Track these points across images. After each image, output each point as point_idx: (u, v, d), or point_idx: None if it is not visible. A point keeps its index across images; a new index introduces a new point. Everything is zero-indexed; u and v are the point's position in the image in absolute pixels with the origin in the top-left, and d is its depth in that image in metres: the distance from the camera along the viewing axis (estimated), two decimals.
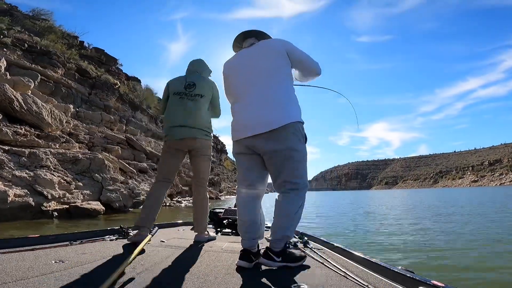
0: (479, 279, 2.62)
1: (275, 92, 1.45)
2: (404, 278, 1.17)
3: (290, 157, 1.41)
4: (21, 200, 5.42)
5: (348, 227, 6.29)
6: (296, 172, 1.43)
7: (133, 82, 27.70)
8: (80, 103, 17.43)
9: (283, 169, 1.43)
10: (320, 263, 1.50)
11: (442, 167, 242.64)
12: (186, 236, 2.30)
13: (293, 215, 1.43)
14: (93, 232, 2.14)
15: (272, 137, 1.40)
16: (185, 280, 1.21)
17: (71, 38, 23.85)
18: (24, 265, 1.26)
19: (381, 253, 3.69)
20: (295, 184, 1.44)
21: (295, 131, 1.42)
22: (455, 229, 5.66)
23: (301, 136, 1.45)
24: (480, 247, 3.92)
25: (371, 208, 12.49)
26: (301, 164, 1.44)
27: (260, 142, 1.44)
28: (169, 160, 2.15)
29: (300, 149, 1.43)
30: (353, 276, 1.27)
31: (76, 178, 7.10)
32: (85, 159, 7.60)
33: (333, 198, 29.50)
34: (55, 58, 17.23)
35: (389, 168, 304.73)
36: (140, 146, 13.92)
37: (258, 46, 1.57)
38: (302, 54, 1.55)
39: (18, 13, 23.25)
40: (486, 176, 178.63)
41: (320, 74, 1.62)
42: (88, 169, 7.57)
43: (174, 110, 2.11)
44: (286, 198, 1.45)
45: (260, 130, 1.42)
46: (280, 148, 1.40)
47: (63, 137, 8.76)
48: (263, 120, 1.41)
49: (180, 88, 2.15)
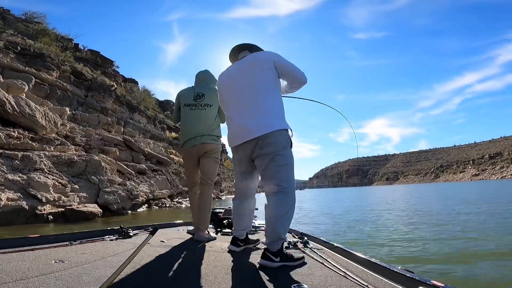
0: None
1: (261, 104, 1.59)
2: (404, 278, 1.17)
3: (273, 161, 1.53)
4: (14, 204, 5.20)
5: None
6: (279, 175, 1.54)
7: (130, 84, 27.48)
8: (76, 105, 17.20)
9: (267, 172, 1.56)
10: (320, 263, 1.50)
11: (442, 161, 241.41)
12: (186, 236, 2.30)
13: (283, 217, 1.51)
14: (93, 232, 2.13)
15: (258, 144, 1.55)
16: (185, 280, 1.22)
17: (65, 40, 23.61)
18: (24, 265, 1.25)
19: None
20: (279, 187, 1.53)
21: (278, 138, 1.54)
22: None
23: (285, 142, 1.56)
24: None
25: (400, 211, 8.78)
26: (285, 167, 1.55)
27: (248, 148, 1.60)
28: (189, 167, 2.41)
29: (283, 153, 1.55)
30: (353, 276, 1.26)
31: (71, 181, 6.88)
32: (80, 161, 7.38)
33: (338, 196, 29.24)
34: (49, 60, 16.97)
35: (389, 163, 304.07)
36: (138, 147, 13.70)
37: (247, 60, 1.70)
38: (289, 65, 1.65)
39: (11, 17, 22.97)
40: (487, 169, 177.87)
41: (306, 82, 1.72)
42: (84, 171, 7.35)
43: (185, 122, 2.34)
44: (274, 201, 1.54)
45: (246, 138, 1.58)
46: (263, 153, 1.54)
47: (58, 139, 8.53)
48: (249, 129, 1.57)
49: (190, 100, 2.35)
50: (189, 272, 1.34)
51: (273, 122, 1.55)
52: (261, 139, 1.54)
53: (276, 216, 1.50)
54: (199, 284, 1.16)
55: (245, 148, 1.61)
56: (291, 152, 1.60)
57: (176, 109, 2.48)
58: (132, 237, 2.11)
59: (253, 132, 1.55)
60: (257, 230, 2.54)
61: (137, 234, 2.22)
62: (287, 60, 1.66)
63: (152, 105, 27.78)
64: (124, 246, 1.80)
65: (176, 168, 17.04)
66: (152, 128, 23.42)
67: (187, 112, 2.33)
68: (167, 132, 26.12)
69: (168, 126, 27.69)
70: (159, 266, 1.40)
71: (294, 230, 2.38)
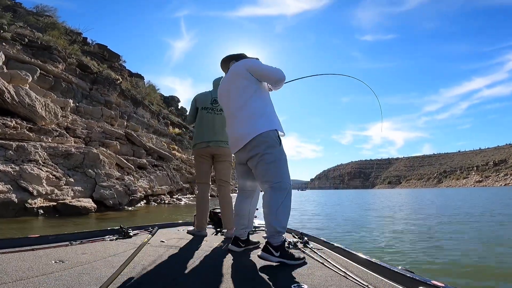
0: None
1: (243, 111, 1.70)
2: (404, 278, 1.17)
3: (262, 160, 1.61)
4: (3, 197, 5.03)
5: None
6: (269, 172, 1.60)
7: (136, 79, 27.50)
8: (80, 98, 17.20)
9: (257, 172, 1.65)
10: (320, 263, 1.51)
11: (446, 167, 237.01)
12: (186, 236, 2.30)
13: (275, 210, 1.55)
14: (93, 232, 2.16)
15: (247, 149, 1.66)
16: (185, 280, 1.22)
17: (74, 34, 23.77)
18: (24, 265, 1.26)
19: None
20: (270, 183, 1.60)
21: (263, 139, 1.62)
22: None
23: (272, 141, 1.63)
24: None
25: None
26: (273, 164, 1.60)
27: (241, 155, 1.74)
28: (201, 167, 2.48)
29: (270, 151, 1.61)
30: (353, 276, 1.26)
31: (67, 174, 6.70)
32: (78, 154, 7.20)
33: (356, 197, 28.75)
34: (56, 53, 17.00)
35: (392, 167, 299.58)
36: (140, 141, 13.55)
37: (227, 74, 1.86)
38: (263, 69, 1.74)
39: (22, 10, 23.23)
40: (491, 176, 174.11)
41: (284, 79, 1.78)
42: (82, 164, 7.17)
43: (201, 124, 2.44)
44: (266, 197, 1.61)
45: (237, 148, 1.72)
46: (252, 155, 1.64)
47: (57, 130, 8.39)
48: (236, 138, 1.72)
49: (207, 104, 2.46)
50: (189, 272, 1.34)
51: (257, 127, 1.63)
52: (248, 145, 1.65)
53: (269, 210, 1.56)
54: (199, 284, 1.17)
55: (239, 155, 1.76)
56: (280, 149, 1.66)
57: (192, 111, 2.57)
58: (132, 237, 2.12)
59: (240, 140, 1.68)
60: (257, 230, 2.56)
61: (137, 234, 2.23)
62: (262, 65, 1.76)
63: (157, 100, 27.71)
64: (124, 246, 1.81)
65: (178, 164, 16.88)
66: (155, 123, 23.35)
67: (203, 115, 2.44)
68: (170, 127, 26.03)
69: (172, 121, 27.62)
70: (159, 266, 1.41)
71: (294, 230, 2.37)
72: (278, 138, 1.66)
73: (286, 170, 1.64)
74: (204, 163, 2.46)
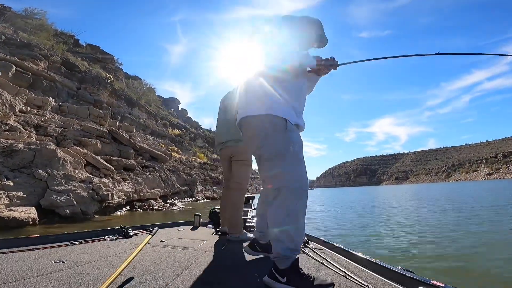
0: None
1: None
2: (404, 278, 1.17)
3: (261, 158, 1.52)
4: None
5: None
6: (266, 173, 1.44)
7: (133, 81, 26.27)
8: (66, 97, 15.79)
9: (260, 171, 1.52)
10: (320, 263, 1.50)
11: (454, 160, 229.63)
12: (186, 236, 2.29)
13: (279, 228, 1.22)
14: (93, 232, 2.14)
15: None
16: (185, 280, 1.22)
17: (66, 36, 22.79)
18: (24, 265, 1.27)
19: None
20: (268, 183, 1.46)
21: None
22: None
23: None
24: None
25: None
26: (271, 162, 1.41)
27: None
28: (224, 168, 2.48)
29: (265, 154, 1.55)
30: (353, 276, 1.27)
31: (6, 176, 5.00)
32: (26, 151, 5.51)
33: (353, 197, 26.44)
34: (37, 50, 15.66)
35: (399, 162, 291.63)
36: (128, 140, 11.88)
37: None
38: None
39: (10, 13, 22.22)
40: (501, 168, 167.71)
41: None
42: (31, 163, 5.48)
43: (217, 125, 2.50)
44: (270, 209, 1.34)
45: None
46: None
47: (7, 124, 6.73)
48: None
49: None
50: (189, 272, 1.34)
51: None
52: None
53: (271, 228, 1.26)
54: (199, 284, 1.19)
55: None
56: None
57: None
58: (132, 237, 2.10)
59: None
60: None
61: (137, 234, 2.20)
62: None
63: (155, 101, 26.25)
64: (124, 246, 1.81)
65: (174, 165, 15.17)
66: (152, 124, 21.80)
67: (221, 115, 2.44)
68: (169, 128, 24.47)
69: (171, 123, 26.13)
70: (159, 266, 1.41)
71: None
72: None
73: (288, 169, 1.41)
74: (225, 165, 2.44)
